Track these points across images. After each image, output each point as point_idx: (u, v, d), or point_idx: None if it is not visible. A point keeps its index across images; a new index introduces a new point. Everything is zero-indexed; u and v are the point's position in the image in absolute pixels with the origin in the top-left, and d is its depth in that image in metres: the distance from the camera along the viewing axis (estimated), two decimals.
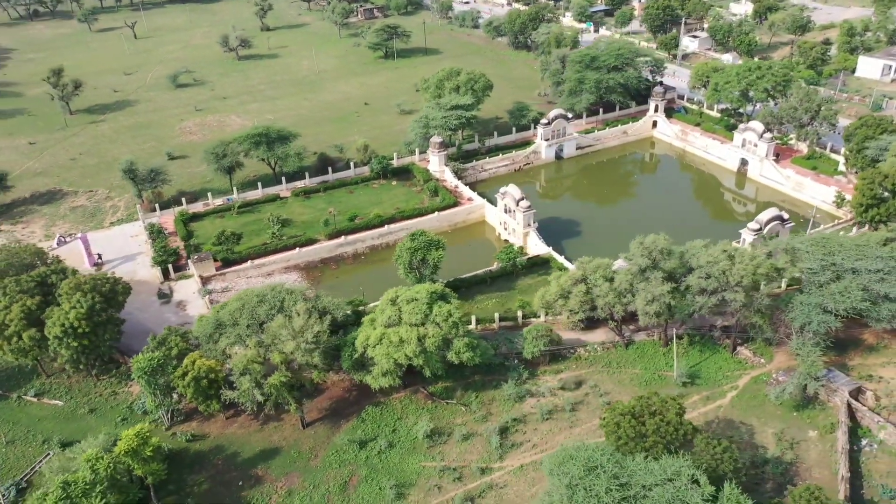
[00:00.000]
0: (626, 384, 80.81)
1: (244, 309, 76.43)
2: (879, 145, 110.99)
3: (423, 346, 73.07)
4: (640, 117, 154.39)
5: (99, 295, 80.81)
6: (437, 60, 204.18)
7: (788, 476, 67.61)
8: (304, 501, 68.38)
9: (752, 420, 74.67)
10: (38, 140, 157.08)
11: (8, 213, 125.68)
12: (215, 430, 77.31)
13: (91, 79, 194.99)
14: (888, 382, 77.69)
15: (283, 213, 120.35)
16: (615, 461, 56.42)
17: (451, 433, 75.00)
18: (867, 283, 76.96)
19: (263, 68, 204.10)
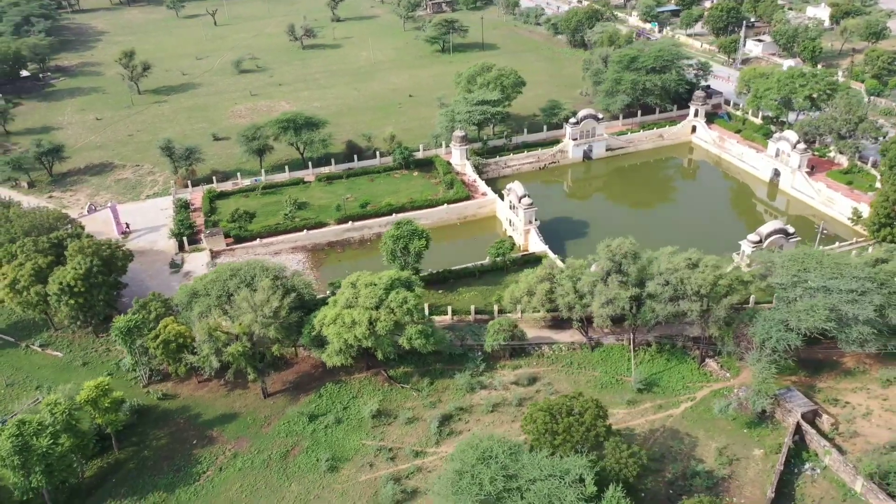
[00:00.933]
0: (581, 385, 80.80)
1: (217, 281, 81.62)
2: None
3: (373, 330, 75.92)
4: (680, 121, 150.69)
5: (98, 259, 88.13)
6: (491, 56, 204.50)
7: (716, 491, 66.39)
8: (245, 464, 72.82)
9: (699, 433, 73.36)
10: (105, 116, 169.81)
11: (62, 181, 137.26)
12: (186, 391, 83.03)
13: (165, 62, 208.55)
14: (854, 409, 74.51)
15: (303, 197, 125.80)
16: (511, 454, 57.50)
17: (397, 416, 77.62)
18: (837, 303, 73.73)
19: (323, 58, 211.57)
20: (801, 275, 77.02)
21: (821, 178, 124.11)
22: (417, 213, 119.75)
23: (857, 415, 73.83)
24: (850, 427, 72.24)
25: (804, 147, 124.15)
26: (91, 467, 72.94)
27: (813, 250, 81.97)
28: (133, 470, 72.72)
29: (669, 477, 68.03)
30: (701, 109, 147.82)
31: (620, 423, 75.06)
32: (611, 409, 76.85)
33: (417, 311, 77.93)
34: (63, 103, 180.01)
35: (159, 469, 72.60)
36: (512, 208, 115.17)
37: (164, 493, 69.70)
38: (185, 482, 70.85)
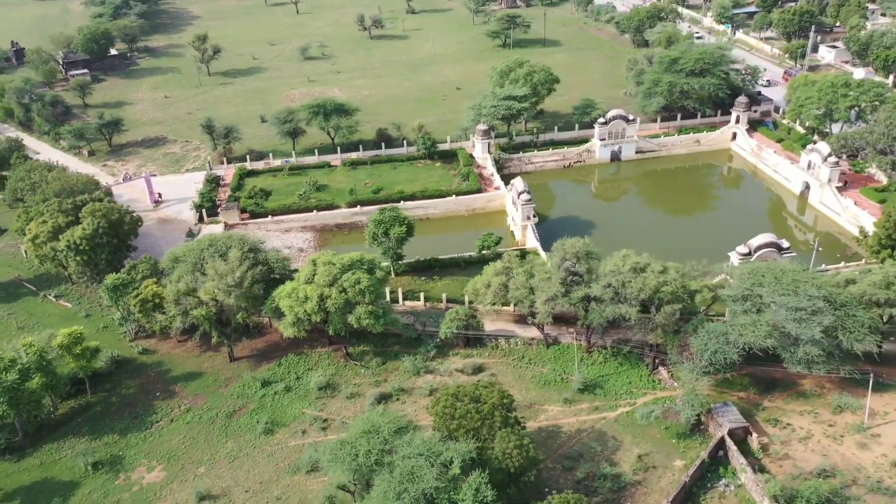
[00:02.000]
0: (524, 379, 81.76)
1: (195, 249, 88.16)
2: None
3: (323, 306, 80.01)
4: (721, 127, 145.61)
5: (106, 222, 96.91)
6: (550, 52, 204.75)
7: (621, 494, 66.10)
8: (194, 418, 78.79)
9: (626, 437, 72.86)
10: (173, 95, 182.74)
11: (119, 151, 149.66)
12: (165, 349, 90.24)
13: (241, 47, 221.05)
14: (793, 431, 71.83)
15: (325, 180, 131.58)
16: (396, 431, 60.00)
17: (341, 390, 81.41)
18: (783, 320, 71.05)
19: (387, 48, 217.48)
20: (754, 288, 74.55)
21: (852, 195, 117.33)
22: (426, 203, 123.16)
23: (795, 438, 71.02)
24: (783, 449, 69.66)
25: (835, 160, 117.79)
26: (64, 406, 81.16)
27: (775, 264, 78.81)
28: (98, 413, 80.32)
29: (579, 476, 68.23)
30: (743, 116, 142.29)
31: (551, 419, 75.77)
32: (546, 405, 77.97)
33: (370, 292, 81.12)
34: (141, 81, 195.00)
35: (121, 415, 79.82)
36: (514, 203, 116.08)
37: (118, 436, 76.68)
38: (137, 429, 77.63)
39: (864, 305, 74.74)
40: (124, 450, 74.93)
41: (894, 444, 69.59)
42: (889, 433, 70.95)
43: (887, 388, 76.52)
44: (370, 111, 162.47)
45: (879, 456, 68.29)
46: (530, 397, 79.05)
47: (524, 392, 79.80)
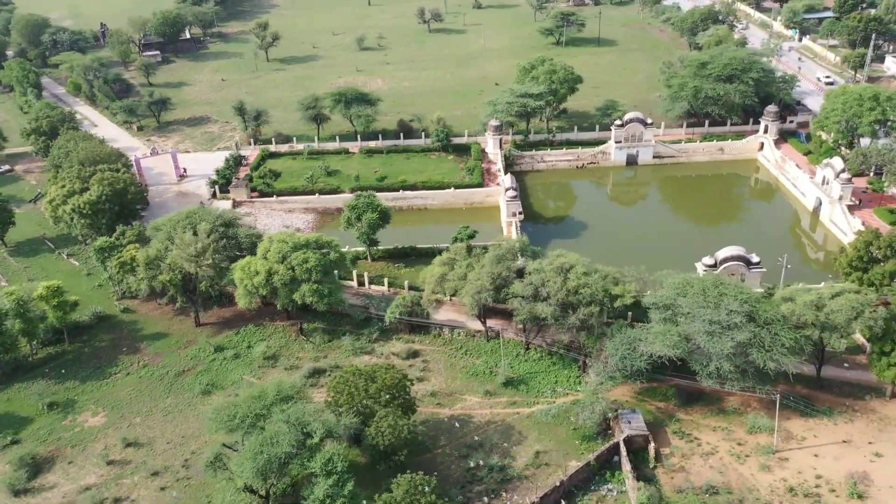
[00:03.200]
0: (455, 368, 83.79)
1: (172, 220, 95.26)
2: None
3: (271, 281, 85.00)
4: (749, 137, 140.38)
5: (111, 190, 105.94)
6: (601, 52, 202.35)
7: (504, 486, 67.41)
8: (147, 374, 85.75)
9: (532, 434, 73.77)
10: (229, 78, 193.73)
11: (164, 128, 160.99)
12: (145, 310, 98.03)
13: (306, 35, 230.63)
14: (698, 445, 70.73)
15: (339, 166, 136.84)
16: (281, 399, 63.97)
17: (282, 362, 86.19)
18: (695, 332, 69.70)
19: (441, 42, 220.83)
20: (677, 299, 73.31)
21: (864, 214, 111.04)
22: (425, 193, 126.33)
23: (699, 452, 69.73)
24: (682, 462, 68.67)
25: (848, 177, 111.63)
26: (43, 352, 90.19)
27: (709, 277, 76.79)
28: (70, 360, 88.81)
29: (471, 465, 69.93)
30: (772, 126, 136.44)
31: (466, 409, 77.60)
32: (467, 395, 79.83)
33: (316, 271, 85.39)
34: (205, 64, 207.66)
35: (87, 364, 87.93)
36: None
37: (78, 383, 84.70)
38: (96, 378, 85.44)
39: (798, 325, 71.98)
40: (79, 395, 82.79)
41: (799, 469, 67.17)
42: (798, 458, 68.44)
43: (814, 414, 73.48)
44: (404, 102, 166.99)
45: (778, 479, 66.17)
46: (454, 386, 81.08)
47: (449, 381, 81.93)
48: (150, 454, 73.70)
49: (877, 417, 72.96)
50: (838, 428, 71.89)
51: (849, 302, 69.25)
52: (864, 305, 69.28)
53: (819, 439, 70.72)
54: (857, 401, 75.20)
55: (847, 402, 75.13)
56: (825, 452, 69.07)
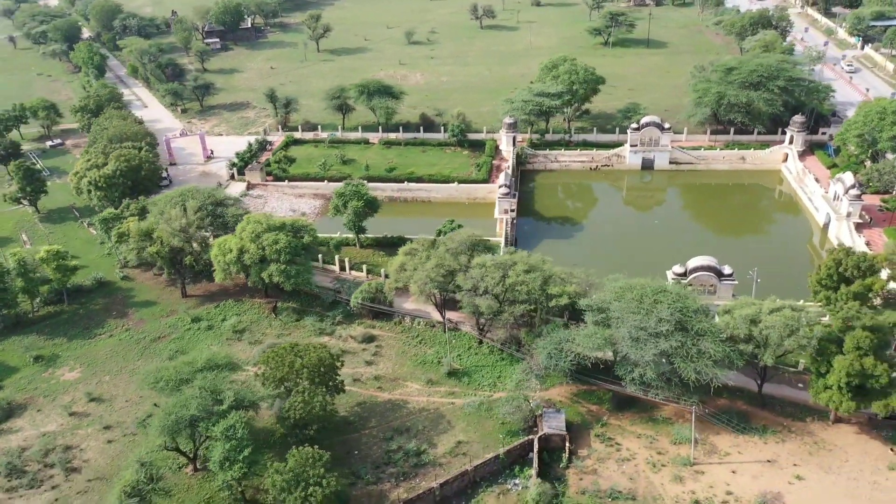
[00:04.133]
0: (404, 356, 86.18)
1: (169, 197, 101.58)
2: None
3: (241, 258, 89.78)
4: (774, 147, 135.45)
5: (126, 166, 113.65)
6: (649, 54, 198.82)
7: (415, 471, 69.39)
8: (127, 337, 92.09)
9: (460, 424, 75.36)
10: (278, 67, 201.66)
11: (206, 111, 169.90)
12: (142, 279, 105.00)
13: (361, 28, 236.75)
14: (617, 451, 70.82)
15: (357, 156, 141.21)
16: (210, 368, 68.35)
17: (248, 336, 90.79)
18: (621, 337, 69.37)
19: (490, 39, 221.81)
20: (611, 302, 73.02)
21: (872, 234, 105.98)
22: (429, 186, 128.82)
23: (615, 458, 69.53)
24: (595, 465, 68.74)
25: (857, 193, 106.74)
26: (43, 310, 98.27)
27: (655, 283, 75.65)
28: (65, 319, 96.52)
29: (391, 447, 72.27)
30: (798, 136, 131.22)
31: (404, 394, 79.92)
32: (409, 382, 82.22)
33: (285, 252, 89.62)
34: (260, 53, 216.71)
35: (78, 324, 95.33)
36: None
37: (65, 340, 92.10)
38: (83, 337, 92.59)
39: (735, 339, 70.44)
40: (63, 351, 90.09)
41: (711, 484, 66.01)
42: (714, 473, 67.20)
43: (745, 431, 71.65)
44: (437, 97, 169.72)
45: (687, 492, 65.31)
46: (400, 372, 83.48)
47: (396, 367, 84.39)
48: (108, 410, 79.73)
49: (811, 440, 70.51)
50: (767, 447, 69.96)
51: (783, 319, 67.18)
52: (798, 324, 67.06)
53: (743, 456, 69.12)
54: (796, 422, 72.81)
55: (785, 422, 72.87)
56: (745, 470, 67.51)
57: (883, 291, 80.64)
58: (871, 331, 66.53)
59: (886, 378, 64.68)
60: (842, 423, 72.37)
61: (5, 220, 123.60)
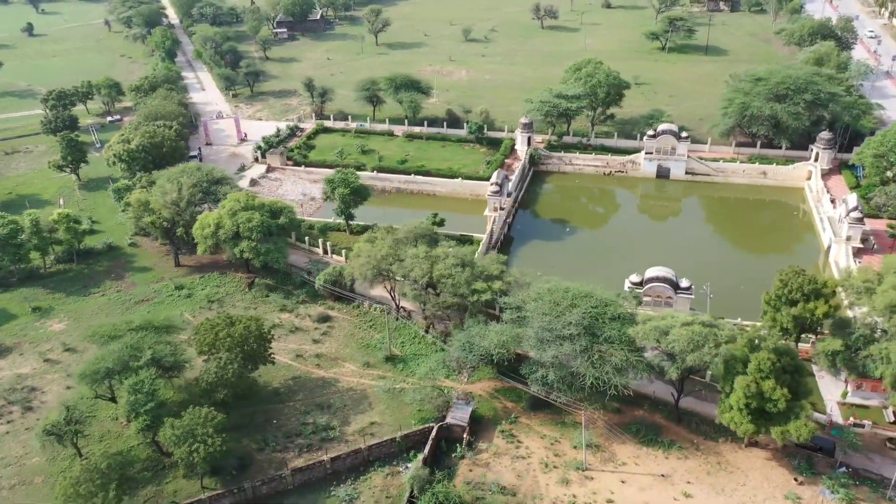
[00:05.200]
0: (353, 338, 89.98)
1: (169, 173, 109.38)
2: None
3: (217, 233, 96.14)
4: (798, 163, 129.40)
5: (149, 143, 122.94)
6: (705, 61, 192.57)
7: (319, 444, 73.01)
8: (115, 297, 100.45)
9: (380, 407, 78.43)
10: (335, 58, 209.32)
11: (255, 97, 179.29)
12: (147, 247, 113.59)
13: (425, 24, 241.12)
14: (516, 448, 72.40)
15: (378, 147, 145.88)
16: (143, 328, 74.52)
17: (217, 305, 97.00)
18: (527, 337, 70.14)
19: (547, 39, 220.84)
20: (530, 302, 73.70)
21: (874, 260, 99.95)
22: (434, 180, 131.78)
23: (511, 454, 70.57)
24: (489, 459, 70.16)
25: (858, 216, 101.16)
26: (54, 267, 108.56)
27: (577, 287, 75.35)
28: (70, 277, 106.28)
29: (306, 420, 76.21)
30: (823, 154, 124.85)
31: (338, 374, 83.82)
32: (347, 362, 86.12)
33: (257, 230, 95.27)
34: (322, 44, 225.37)
35: (79, 282, 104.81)
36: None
37: (63, 295, 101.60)
38: (79, 294, 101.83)
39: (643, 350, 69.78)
40: (59, 305, 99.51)
41: (595, 490, 65.98)
42: (603, 480, 67.07)
43: (651, 443, 70.81)
44: (474, 93, 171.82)
45: (568, 494, 65.65)
46: (342, 353, 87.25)
47: (340, 347, 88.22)
48: (77, 360, 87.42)
49: (715, 460, 68.80)
50: (667, 461, 68.91)
51: (689, 334, 65.86)
52: (705, 340, 65.58)
53: (639, 468, 68.43)
54: (707, 440, 71.14)
55: (696, 440, 71.35)
56: (635, 481, 66.92)
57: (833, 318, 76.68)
58: (778, 353, 64.26)
59: (784, 403, 62.42)
60: (757, 446, 70.11)
61: (50, 185, 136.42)
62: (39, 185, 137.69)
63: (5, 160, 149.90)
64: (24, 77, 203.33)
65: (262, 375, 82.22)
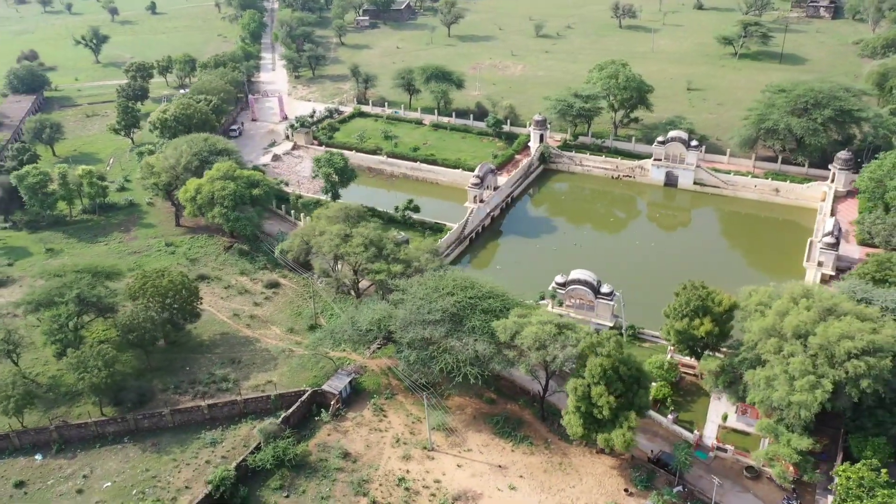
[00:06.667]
0: (291, 305, 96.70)
1: (180, 140, 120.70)
2: None
3: (196, 198, 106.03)
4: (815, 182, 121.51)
5: (182, 113, 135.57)
6: (773, 69, 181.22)
7: (214, 394, 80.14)
8: (115, 247, 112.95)
9: (283, 368, 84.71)
10: (404, 47, 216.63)
11: (314, 79, 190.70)
12: (161, 206, 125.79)
13: (504, 18, 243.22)
14: (379, 422, 76.58)
15: (403, 134, 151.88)
16: (88, 270, 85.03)
17: (191, 263, 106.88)
18: (396, 318, 73.68)
19: (620, 38, 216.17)
20: (411, 285, 76.99)
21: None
22: (437, 169, 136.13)
23: (372, 426, 74.67)
24: (349, 426, 74.64)
25: (831, 242, 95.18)
26: (79, 216, 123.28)
27: (466, 276, 77.27)
28: (89, 226, 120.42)
29: (214, 370, 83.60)
30: (840, 175, 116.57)
31: (262, 335, 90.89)
32: (274, 326, 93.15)
33: (229, 198, 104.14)
34: (399, 33, 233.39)
35: (93, 231, 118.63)
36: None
37: (76, 241, 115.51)
38: (88, 241, 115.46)
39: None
40: (69, 248, 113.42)
41: (429, 469, 68.76)
42: (442, 462, 69.72)
43: (506, 436, 72.25)
44: (519, 88, 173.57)
45: (402, 469, 68.93)
46: (274, 318, 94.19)
47: (275, 313, 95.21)
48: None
49: (558, 461, 69.17)
50: (512, 454, 70.15)
51: (535, 333, 66.65)
52: (550, 340, 66.20)
53: (482, 456, 70.22)
54: (562, 440, 71.32)
55: (550, 438, 71.87)
56: (471, 467, 68.86)
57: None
58: (621, 362, 63.86)
59: (608, 410, 62.19)
60: (611, 455, 69.56)
61: (108, 146, 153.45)
62: (101, 145, 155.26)
63: (84, 122, 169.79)
64: (130, 50, 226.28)
65: (197, 328, 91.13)
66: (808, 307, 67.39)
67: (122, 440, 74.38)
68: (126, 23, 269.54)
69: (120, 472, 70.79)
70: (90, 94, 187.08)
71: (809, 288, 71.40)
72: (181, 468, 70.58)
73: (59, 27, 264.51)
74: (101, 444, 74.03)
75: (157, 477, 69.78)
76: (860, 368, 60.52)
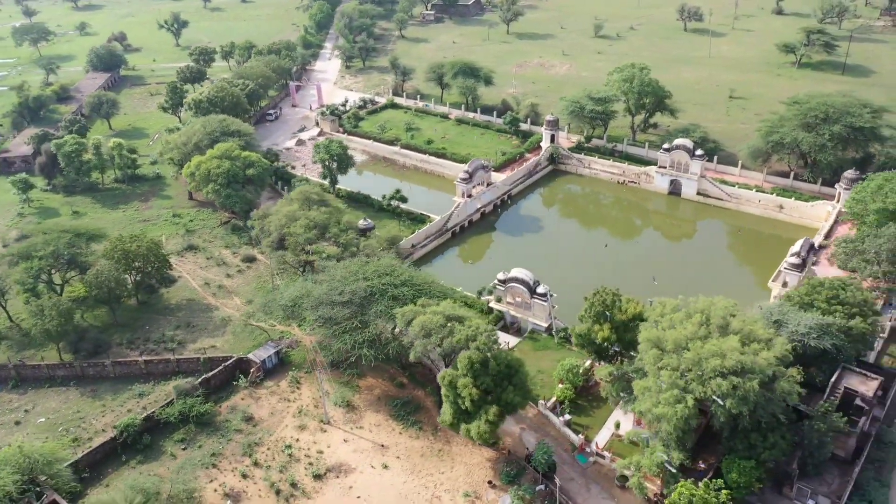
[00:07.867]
0: (258, 280, 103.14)
1: (197, 121, 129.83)
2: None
3: (194, 175, 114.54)
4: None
5: (217, 95, 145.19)
6: (834, 81, 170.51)
7: (160, 350, 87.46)
8: (130, 214, 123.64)
9: (231, 336, 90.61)
10: (460, 43, 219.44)
11: (365, 70, 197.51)
12: (182, 181, 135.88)
13: (568, 18, 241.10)
14: (291, 393, 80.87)
15: (426, 127, 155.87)
16: (66, 234, 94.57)
17: (189, 234, 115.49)
18: (317, 296, 78.01)
19: (682, 42, 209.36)
20: (337, 268, 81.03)
21: None
22: (443, 163, 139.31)
23: (284, 396, 79.36)
24: (263, 394, 79.70)
25: (796, 262, 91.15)
26: (110, 184, 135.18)
27: (387, 264, 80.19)
28: (116, 194, 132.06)
29: (167, 331, 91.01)
30: (845, 194, 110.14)
31: (223, 304, 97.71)
32: (237, 298, 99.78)
33: (222, 175, 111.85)
34: (460, 28, 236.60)
35: (118, 199, 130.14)
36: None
37: (99, 206, 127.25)
38: (109, 207, 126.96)
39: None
40: (92, 212, 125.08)
41: (316, 441, 72.93)
42: (331, 435, 73.75)
43: (400, 419, 75.30)
44: (558, 88, 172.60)
45: (291, 438, 73.34)
46: (240, 290, 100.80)
47: (241, 286, 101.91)
48: None
49: (439, 447, 71.37)
50: (399, 437, 72.94)
51: (423, 320, 68.96)
52: (433, 328, 68.35)
53: (371, 434, 73.40)
54: (451, 430, 72.81)
55: (441, 427, 73.64)
56: (356, 444, 72.25)
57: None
58: (496, 359, 65.31)
59: (470, 402, 63.85)
60: (494, 447, 70.90)
61: (157, 123, 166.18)
62: (153, 122, 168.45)
63: (146, 99, 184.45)
64: (210, 35, 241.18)
65: (169, 293, 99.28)
66: (703, 322, 66.10)
67: (68, 384, 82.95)
68: (216, 9, 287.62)
69: (56, 410, 79.30)
70: (160, 75, 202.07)
71: (714, 303, 69.58)
72: (106, 414, 78.16)
73: (155, 12, 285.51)
74: (50, 385, 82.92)
75: (84, 419, 77.70)
76: (723, 387, 59.17)
